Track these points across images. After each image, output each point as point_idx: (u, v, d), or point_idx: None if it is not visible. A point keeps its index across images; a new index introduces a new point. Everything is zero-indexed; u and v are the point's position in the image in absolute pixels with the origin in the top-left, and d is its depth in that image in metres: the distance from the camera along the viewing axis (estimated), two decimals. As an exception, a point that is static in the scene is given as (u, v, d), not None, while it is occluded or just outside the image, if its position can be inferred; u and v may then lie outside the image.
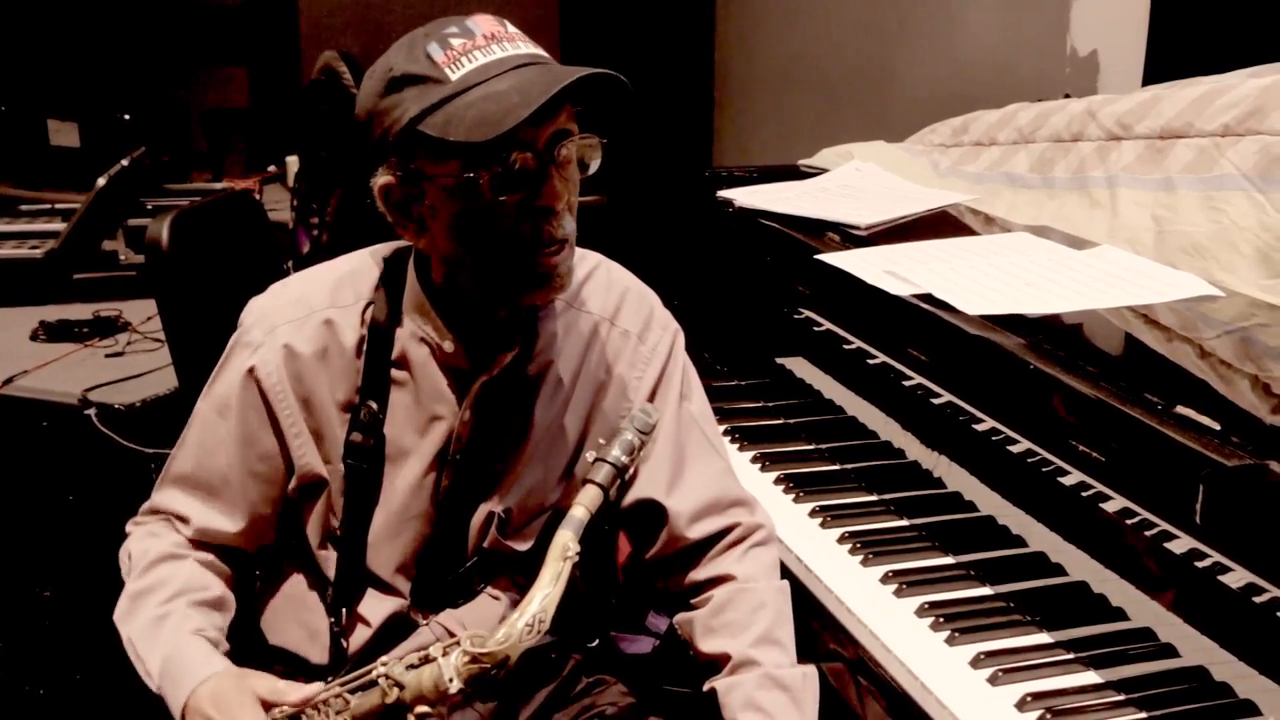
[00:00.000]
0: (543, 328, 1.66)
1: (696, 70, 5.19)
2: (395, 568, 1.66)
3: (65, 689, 2.81)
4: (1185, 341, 1.78)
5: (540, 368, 1.66)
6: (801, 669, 1.63)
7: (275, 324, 1.63)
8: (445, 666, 1.36)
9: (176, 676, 1.54)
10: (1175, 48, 2.80)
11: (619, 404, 1.70)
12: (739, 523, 1.72)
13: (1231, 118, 2.05)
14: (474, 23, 1.47)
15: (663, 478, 1.70)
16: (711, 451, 1.76)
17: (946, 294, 1.87)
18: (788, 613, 1.69)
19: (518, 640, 1.35)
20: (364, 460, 1.62)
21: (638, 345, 1.72)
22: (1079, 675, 1.57)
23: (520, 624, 1.35)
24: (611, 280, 1.74)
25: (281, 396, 1.62)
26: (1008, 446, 1.80)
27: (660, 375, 1.72)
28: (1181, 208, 2.07)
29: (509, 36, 1.47)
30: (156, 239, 2.27)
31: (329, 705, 1.46)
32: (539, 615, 1.36)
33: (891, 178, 2.69)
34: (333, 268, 1.69)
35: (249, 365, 1.62)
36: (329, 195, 3.62)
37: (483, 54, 1.44)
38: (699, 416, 1.76)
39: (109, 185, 3.41)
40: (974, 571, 1.81)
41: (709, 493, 1.72)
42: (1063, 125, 2.41)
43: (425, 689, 1.37)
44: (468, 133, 1.40)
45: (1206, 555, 1.48)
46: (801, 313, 2.36)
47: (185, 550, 1.67)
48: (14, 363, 2.88)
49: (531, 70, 1.43)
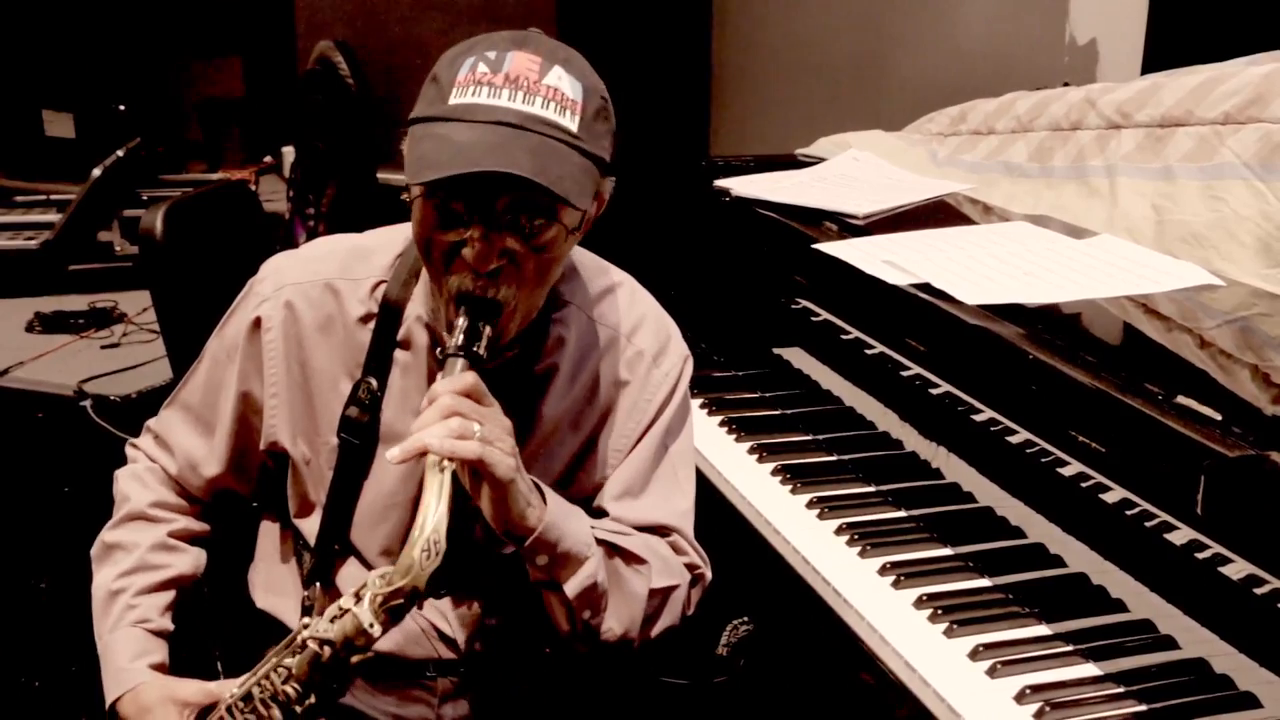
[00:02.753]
0: (553, 329, 1.66)
1: (693, 59, 5.17)
2: (379, 551, 1.67)
3: (60, 680, 2.81)
4: (1185, 331, 1.77)
5: (546, 368, 1.66)
6: (589, 576, 1.57)
7: (284, 281, 1.67)
8: (361, 614, 1.39)
9: (110, 672, 1.67)
10: (1175, 35, 2.79)
11: (626, 424, 1.70)
12: (683, 550, 1.72)
13: (1232, 106, 2.04)
14: (512, 57, 1.45)
15: (617, 490, 1.69)
16: (677, 489, 1.74)
17: (945, 283, 1.86)
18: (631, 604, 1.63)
19: (420, 569, 1.36)
20: (358, 436, 1.63)
21: (651, 367, 1.71)
22: (1078, 667, 1.57)
23: (417, 553, 1.36)
24: (634, 300, 1.74)
25: (273, 357, 1.66)
26: (1007, 437, 1.79)
27: (664, 403, 1.71)
28: (1181, 197, 2.06)
29: (532, 86, 1.43)
30: (151, 230, 2.26)
31: (272, 677, 1.47)
32: (432, 538, 1.36)
33: (889, 167, 2.68)
34: (354, 239, 1.71)
35: (255, 316, 1.67)
36: (325, 186, 3.63)
37: (489, 93, 1.43)
38: (676, 455, 1.74)
39: (104, 176, 3.41)
40: (973, 563, 1.80)
41: (659, 517, 1.70)
42: (1061, 114, 2.40)
43: (352, 637, 1.40)
44: (408, 165, 1.44)
45: (1207, 546, 1.47)
46: (799, 303, 2.35)
47: (160, 512, 1.74)
48: (9, 354, 2.88)
49: (505, 133, 1.41)
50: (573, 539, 1.55)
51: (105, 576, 1.71)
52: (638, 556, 1.62)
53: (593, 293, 1.71)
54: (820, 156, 2.81)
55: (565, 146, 1.43)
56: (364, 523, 1.66)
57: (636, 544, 1.64)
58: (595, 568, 1.56)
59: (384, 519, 1.66)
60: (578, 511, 1.60)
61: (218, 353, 1.72)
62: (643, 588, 1.62)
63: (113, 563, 1.71)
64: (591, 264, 1.74)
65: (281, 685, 1.45)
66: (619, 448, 1.70)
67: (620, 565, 1.61)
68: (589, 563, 1.56)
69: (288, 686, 1.45)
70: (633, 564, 1.62)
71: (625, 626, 1.62)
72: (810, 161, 2.78)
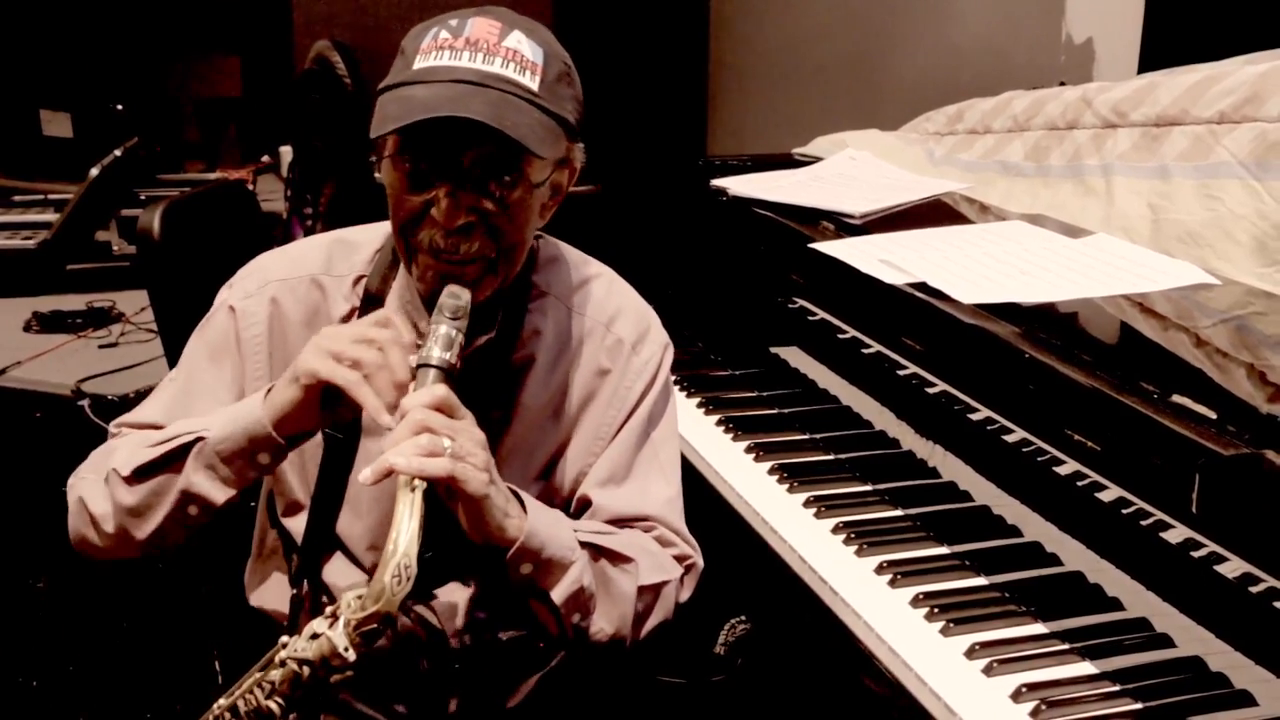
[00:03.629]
0: (529, 319, 1.66)
1: (690, 58, 5.17)
2: (366, 545, 1.67)
3: (58, 680, 2.81)
4: (1181, 330, 1.78)
5: (524, 358, 1.66)
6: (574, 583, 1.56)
7: (268, 279, 1.67)
8: (336, 638, 1.38)
9: (239, 403, 1.56)
10: (1171, 34, 2.79)
11: (606, 412, 1.70)
12: (670, 541, 1.71)
13: (1228, 105, 2.04)
14: (472, 23, 1.49)
15: (601, 476, 1.70)
16: (660, 477, 1.73)
17: (941, 283, 1.86)
18: (620, 604, 1.62)
19: (391, 594, 1.35)
20: (341, 430, 1.62)
21: (631, 355, 1.71)
22: (1074, 666, 1.57)
23: (388, 578, 1.35)
24: (613, 289, 1.75)
25: (258, 352, 1.65)
26: (1003, 436, 1.80)
27: (645, 390, 1.72)
28: (1177, 195, 2.06)
29: (492, 48, 1.47)
30: (148, 229, 2.26)
31: (255, 693, 1.47)
32: (403, 562, 1.35)
33: (886, 166, 2.69)
34: (335, 235, 1.72)
35: (240, 311, 1.66)
36: (323, 185, 3.62)
37: (450, 56, 1.46)
38: (659, 442, 1.74)
39: (102, 175, 3.41)
40: (969, 562, 1.80)
41: (643, 507, 1.70)
42: (1058, 113, 2.41)
43: (329, 658, 1.40)
44: (374, 125, 1.46)
45: (1202, 545, 1.47)
46: (796, 302, 2.35)
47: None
48: (7, 353, 2.88)
49: (463, 89, 1.44)
50: (555, 545, 1.54)
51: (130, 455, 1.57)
52: (624, 556, 1.62)
53: (571, 283, 1.72)
54: (817, 156, 2.82)
55: (524, 102, 1.46)
56: (350, 516, 1.67)
57: (622, 542, 1.63)
58: (580, 572, 1.56)
59: (369, 513, 1.66)
60: (559, 516, 1.60)
61: (201, 350, 1.70)
62: (631, 586, 1.62)
63: (128, 449, 1.59)
64: (570, 256, 1.75)
65: (265, 700, 1.45)
66: (601, 436, 1.70)
67: (607, 566, 1.61)
68: (574, 568, 1.55)
69: (270, 702, 1.45)
70: (620, 564, 1.62)
71: (615, 626, 1.62)
72: (807, 161, 2.78)
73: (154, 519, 1.56)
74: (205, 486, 1.53)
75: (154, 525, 1.56)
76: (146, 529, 1.57)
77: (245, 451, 1.52)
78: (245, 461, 1.52)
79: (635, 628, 1.64)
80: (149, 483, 1.55)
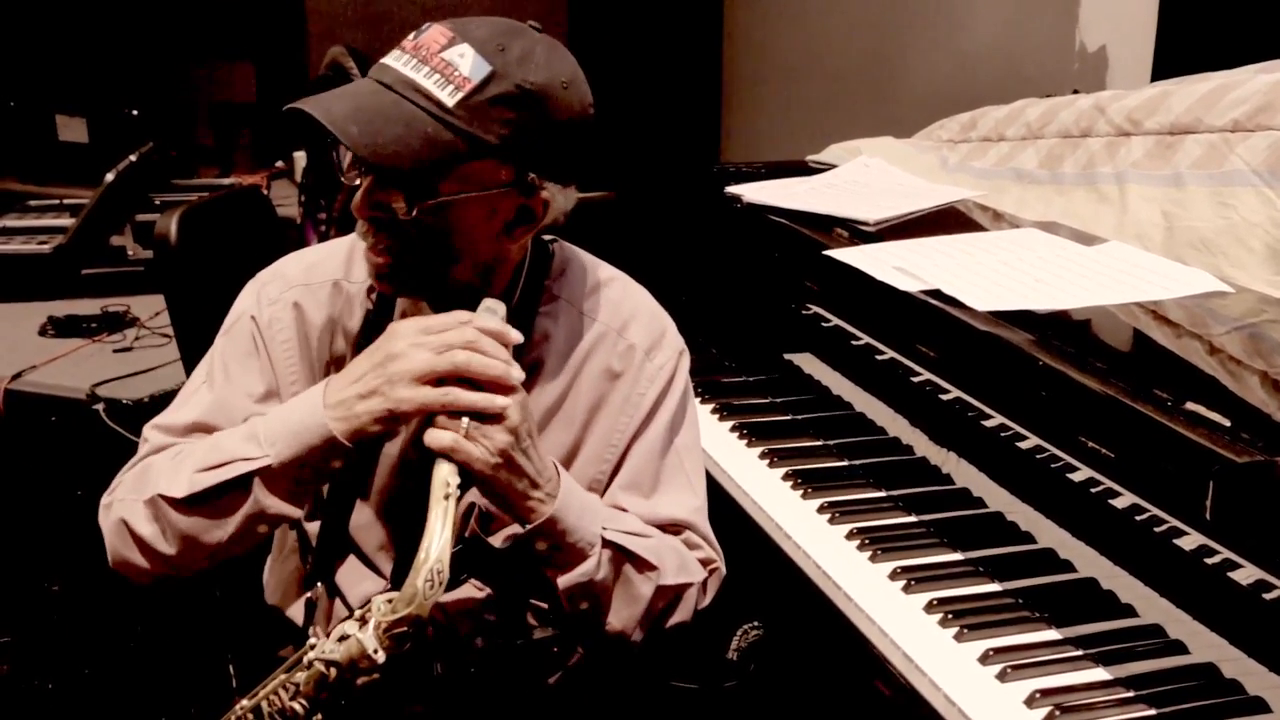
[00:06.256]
0: (539, 322, 1.67)
1: (705, 66, 5.18)
2: (378, 546, 1.68)
3: (73, 684, 2.82)
4: (1194, 338, 1.78)
5: (532, 362, 1.66)
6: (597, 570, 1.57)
7: (290, 284, 1.68)
8: (366, 640, 1.39)
9: (288, 411, 1.54)
10: (1184, 43, 2.79)
11: (619, 418, 1.69)
12: (697, 545, 1.72)
13: (1241, 113, 2.04)
14: (429, 29, 1.50)
15: (624, 483, 1.70)
16: (687, 486, 1.73)
17: (955, 290, 1.87)
18: (633, 605, 1.63)
19: (423, 599, 1.37)
20: None
21: (645, 361, 1.70)
22: (1088, 672, 1.57)
23: (420, 582, 1.36)
24: (626, 294, 1.74)
25: (289, 356, 1.66)
26: (1016, 443, 1.80)
27: (661, 396, 1.71)
28: (1191, 203, 2.07)
29: (427, 56, 1.46)
30: (165, 234, 2.27)
31: (280, 694, 1.48)
32: (435, 567, 1.36)
33: (900, 173, 2.69)
34: (354, 238, 1.71)
35: (254, 316, 1.67)
36: (336, 191, 3.62)
37: (394, 58, 1.49)
38: (683, 450, 1.74)
39: (117, 180, 3.41)
40: (982, 568, 1.80)
41: (673, 513, 1.71)
42: (1071, 121, 2.41)
43: (357, 660, 1.41)
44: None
45: (1216, 552, 1.47)
46: (810, 309, 2.35)
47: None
48: (22, 358, 2.89)
49: (363, 87, 1.49)
50: (576, 535, 1.55)
51: (177, 478, 1.54)
52: (648, 563, 1.62)
53: (584, 288, 1.71)
54: (831, 163, 2.82)
55: (423, 114, 1.44)
56: (363, 519, 1.67)
57: (650, 547, 1.63)
58: (593, 567, 1.56)
59: (381, 514, 1.67)
60: (593, 507, 1.60)
61: (230, 351, 1.68)
62: (649, 589, 1.62)
63: (171, 469, 1.56)
64: (583, 261, 1.75)
65: (289, 701, 1.46)
66: (614, 442, 1.70)
67: (629, 570, 1.61)
68: (587, 562, 1.56)
69: (295, 703, 1.46)
70: (644, 570, 1.62)
71: (624, 624, 1.62)
72: (821, 168, 2.79)
73: (214, 538, 1.53)
74: (279, 506, 1.51)
75: (215, 544, 1.54)
76: (206, 549, 1.54)
77: (318, 465, 1.50)
78: (317, 473, 1.52)
79: (648, 627, 1.64)
80: (206, 507, 1.52)
